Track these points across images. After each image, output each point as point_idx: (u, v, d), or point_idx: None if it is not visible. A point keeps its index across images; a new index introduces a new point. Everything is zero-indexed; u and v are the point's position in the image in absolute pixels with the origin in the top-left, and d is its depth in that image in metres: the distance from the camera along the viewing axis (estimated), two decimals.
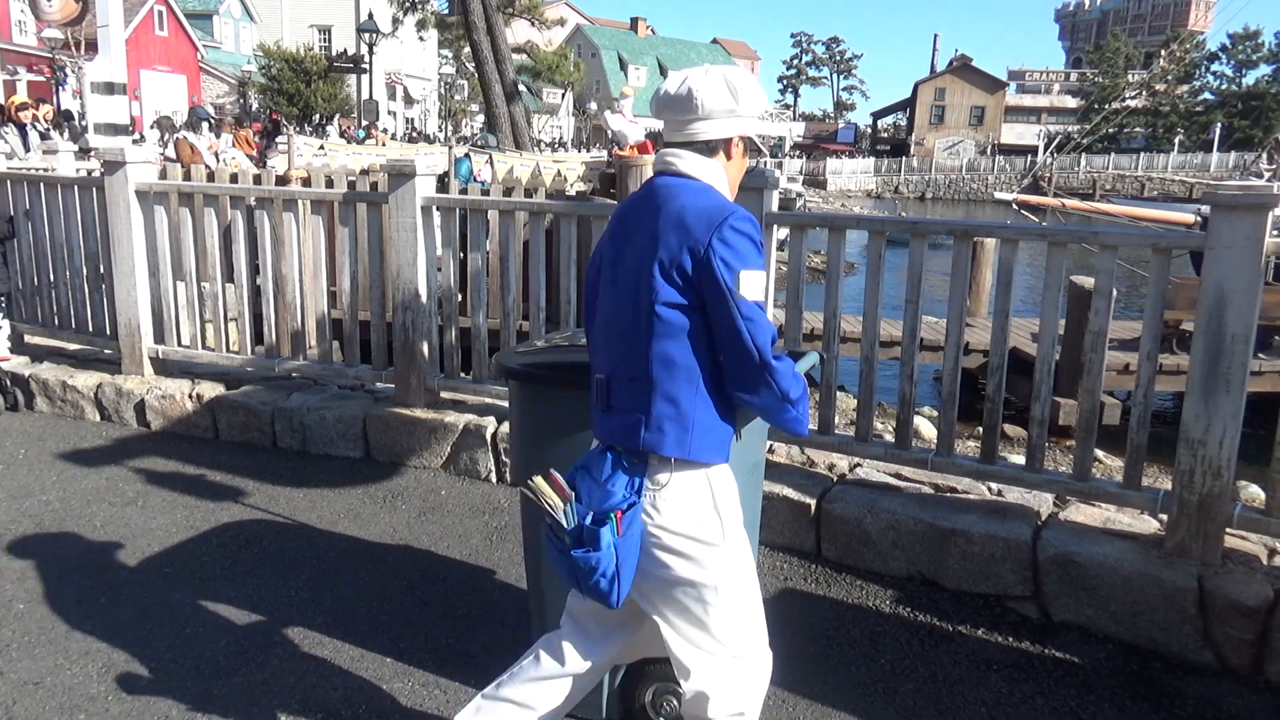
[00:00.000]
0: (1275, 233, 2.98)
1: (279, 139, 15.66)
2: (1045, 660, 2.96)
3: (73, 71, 23.04)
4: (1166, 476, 3.20)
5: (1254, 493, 5.32)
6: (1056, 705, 2.72)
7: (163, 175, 6.82)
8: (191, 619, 3.11)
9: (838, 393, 4.21)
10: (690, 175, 1.92)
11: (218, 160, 11.43)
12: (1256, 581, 2.93)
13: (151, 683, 2.77)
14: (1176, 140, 59.62)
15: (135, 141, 12.49)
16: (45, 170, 6.47)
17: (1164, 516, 3.21)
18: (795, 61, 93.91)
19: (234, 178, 7.47)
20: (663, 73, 67.39)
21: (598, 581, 1.86)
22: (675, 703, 2.48)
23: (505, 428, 4.25)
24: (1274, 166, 16.38)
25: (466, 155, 14.68)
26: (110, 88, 8.36)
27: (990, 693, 2.77)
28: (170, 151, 11.68)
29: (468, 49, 25.01)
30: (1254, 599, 2.85)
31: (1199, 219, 11.55)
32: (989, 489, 3.66)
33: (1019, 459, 3.61)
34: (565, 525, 1.88)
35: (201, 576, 3.40)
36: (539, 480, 1.92)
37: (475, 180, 12.03)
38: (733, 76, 1.93)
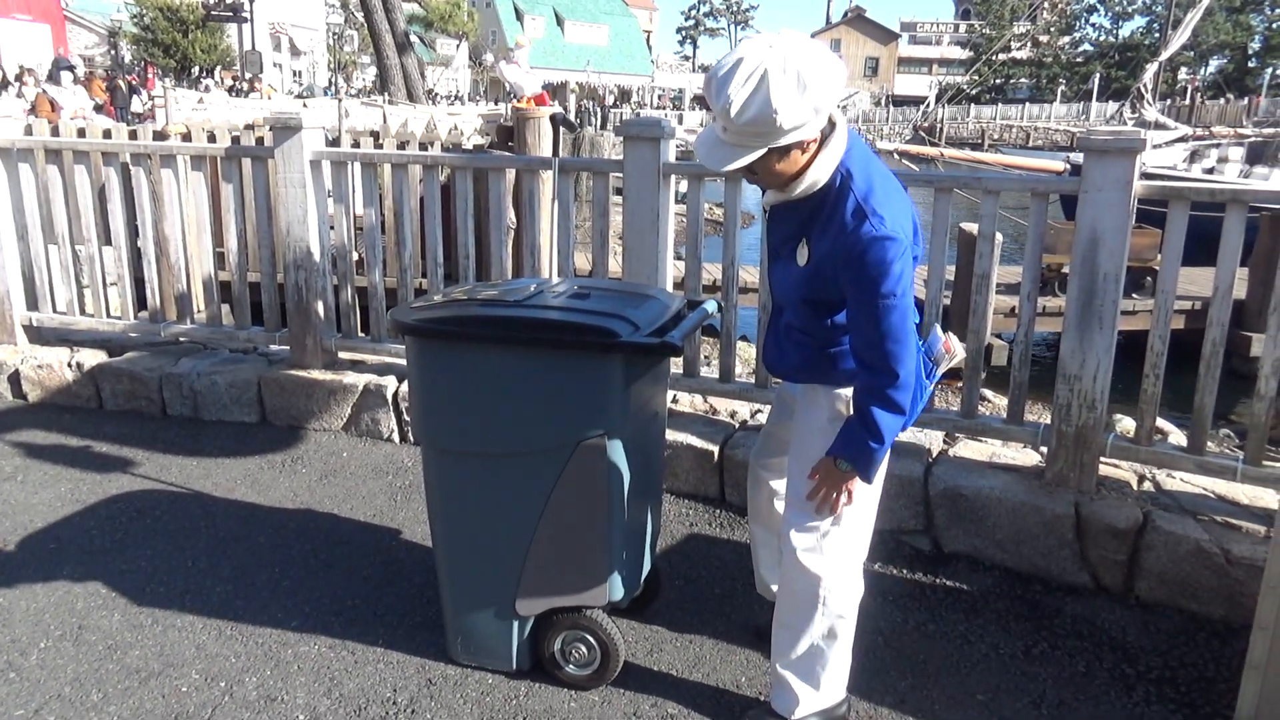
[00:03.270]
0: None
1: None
2: (937, 589, 3.11)
3: None
4: (1048, 411, 3.36)
5: (1128, 424, 5.64)
6: (947, 630, 2.86)
7: (28, 131, 6.42)
8: (81, 594, 3.00)
9: (738, 342, 4.28)
10: None
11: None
12: (1127, 506, 3.12)
13: (41, 662, 2.67)
14: (1059, 91, 61.65)
15: None
16: None
17: (1044, 449, 3.38)
18: (693, 12, 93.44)
19: (107, 133, 7.09)
20: (559, 23, 66.36)
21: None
22: (584, 650, 2.52)
23: (406, 386, 4.19)
24: (1136, 114, 17.18)
25: None
26: None
27: (886, 623, 2.90)
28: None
29: None
30: (1125, 522, 3.04)
31: (1068, 167, 12.07)
32: None
33: None
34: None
35: (90, 551, 3.28)
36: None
37: None
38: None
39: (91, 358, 4.70)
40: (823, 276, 2.05)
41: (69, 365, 4.67)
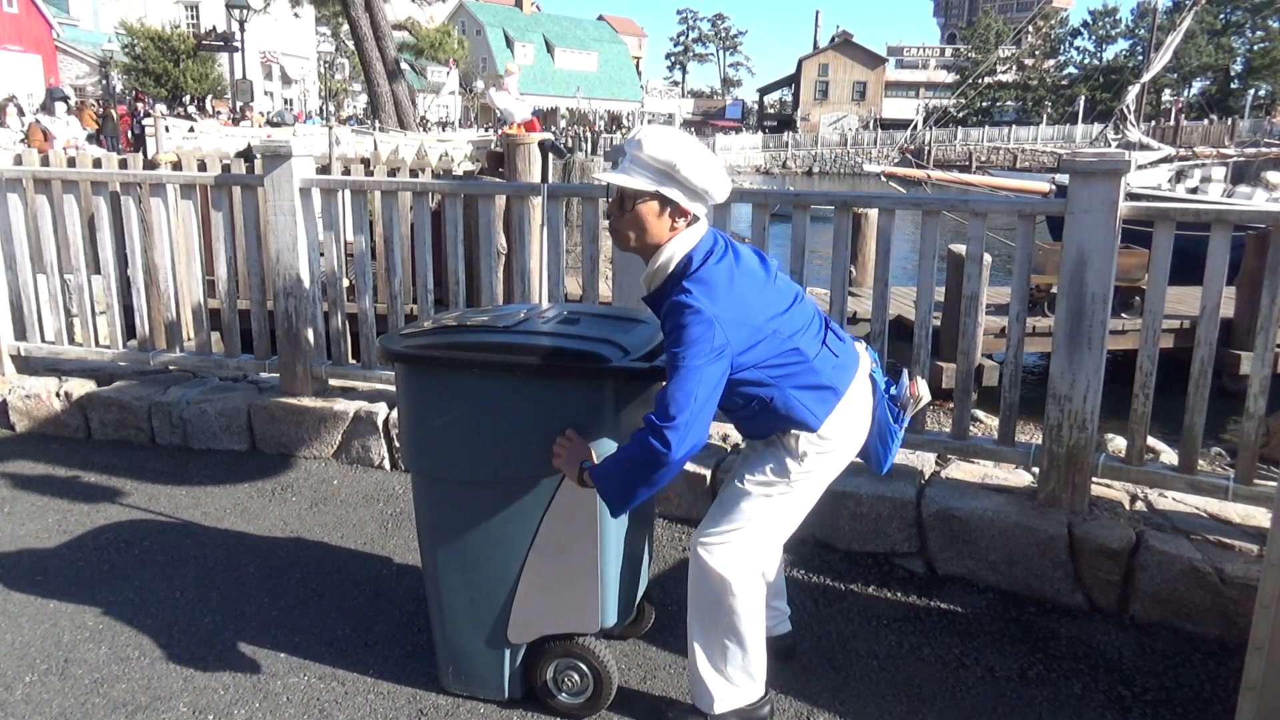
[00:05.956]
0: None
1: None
2: (931, 612, 3.09)
3: None
4: (1039, 432, 3.36)
5: (1119, 444, 5.65)
6: (942, 654, 2.85)
7: (17, 161, 6.42)
8: (69, 626, 2.96)
9: None
10: None
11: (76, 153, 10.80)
12: (1120, 526, 3.12)
13: (26, 697, 2.63)
14: (1045, 113, 62.23)
15: None
16: None
17: (1036, 470, 3.38)
18: (682, 38, 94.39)
19: (97, 162, 7.09)
20: (549, 50, 66.85)
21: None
22: (576, 678, 2.50)
23: (396, 413, 4.17)
24: (1120, 136, 17.34)
25: None
26: None
27: (881, 646, 2.88)
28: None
29: (346, 26, 24.27)
30: (1118, 542, 3.03)
31: (1053, 188, 12.14)
32: None
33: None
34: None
35: (78, 582, 3.24)
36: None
37: None
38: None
39: (80, 387, 4.67)
40: None
41: (57, 395, 4.65)
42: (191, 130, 13.90)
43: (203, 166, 7.28)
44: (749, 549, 2.33)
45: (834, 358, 2.30)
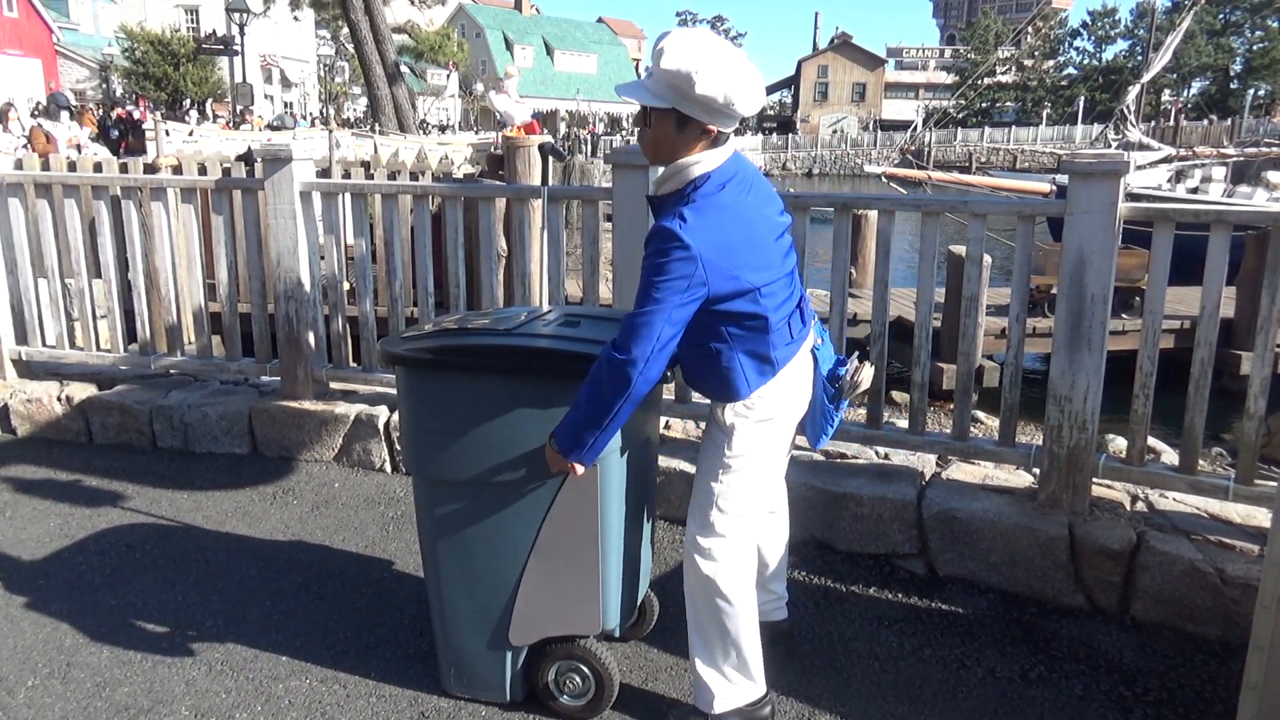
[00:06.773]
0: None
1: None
2: (932, 613, 3.10)
3: None
4: (1040, 433, 3.37)
5: (1120, 444, 5.65)
6: (943, 655, 2.85)
7: (19, 165, 6.43)
8: (70, 631, 2.96)
9: None
10: None
11: (79, 153, 10.80)
12: (1121, 526, 3.12)
13: (28, 701, 2.63)
14: (1045, 114, 62.22)
15: None
16: None
17: (1037, 470, 3.38)
18: None
19: (97, 167, 7.10)
20: (549, 52, 66.84)
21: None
22: (578, 680, 2.50)
23: (397, 416, 4.18)
24: (1120, 136, 17.37)
25: None
26: None
27: (882, 648, 2.88)
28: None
29: (346, 29, 24.30)
30: (1119, 543, 3.04)
31: (1054, 188, 12.14)
32: (876, 453, 3.78)
33: (904, 423, 3.74)
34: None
35: (80, 586, 3.25)
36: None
37: None
38: None
39: (81, 391, 4.68)
40: None
41: (58, 399, 4.65)
42: (191, 135, 13.91)
43: (203, 170, 7.28)
44: (727, 544, 2.35)
45: (789, 339, 2.28)
